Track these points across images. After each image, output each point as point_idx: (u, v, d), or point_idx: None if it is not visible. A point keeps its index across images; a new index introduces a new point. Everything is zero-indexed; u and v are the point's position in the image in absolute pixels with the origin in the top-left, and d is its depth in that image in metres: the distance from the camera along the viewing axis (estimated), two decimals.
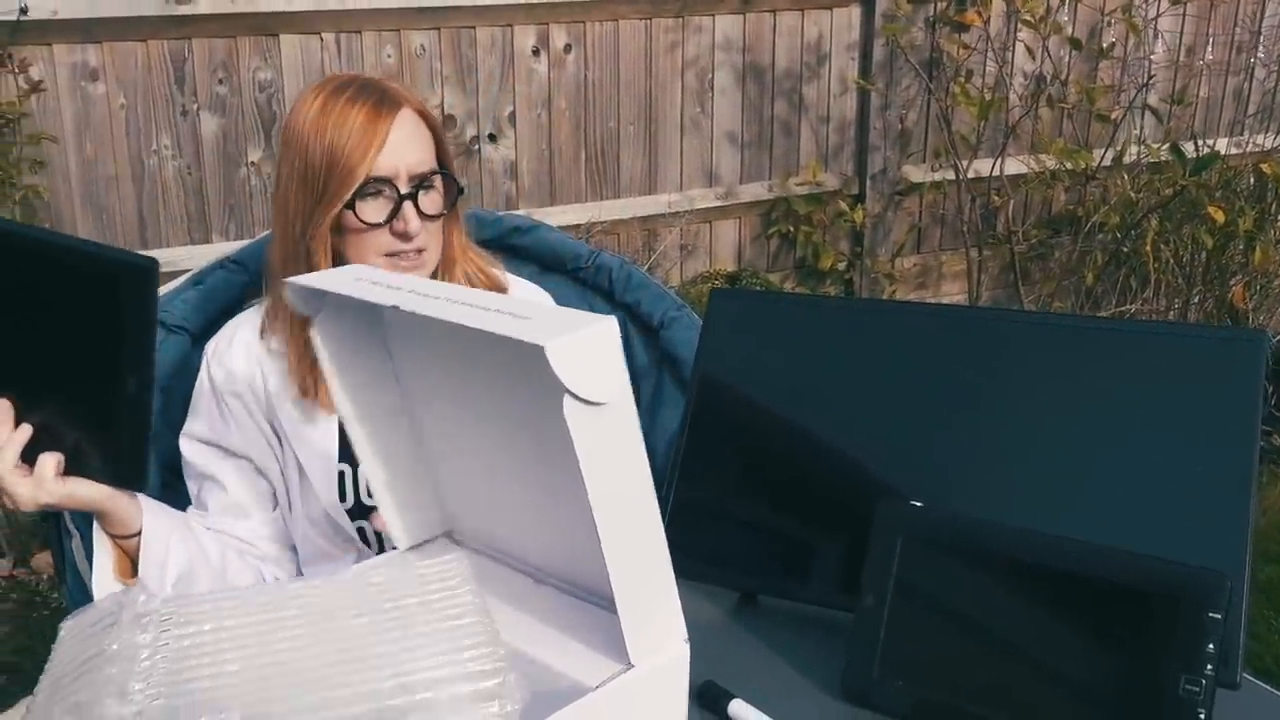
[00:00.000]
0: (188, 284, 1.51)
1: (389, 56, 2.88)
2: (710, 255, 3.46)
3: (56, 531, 1.33)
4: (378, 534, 1.28)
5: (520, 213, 2.10)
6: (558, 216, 2.98)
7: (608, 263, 1.66)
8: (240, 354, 1.27)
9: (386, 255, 1.19)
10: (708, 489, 1.03)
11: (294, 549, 1.31)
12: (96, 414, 1.01)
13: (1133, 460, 0.89)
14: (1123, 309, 3.55)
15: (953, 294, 3.82)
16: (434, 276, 1.28)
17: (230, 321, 1.32)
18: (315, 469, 1.25)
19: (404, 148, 1.17)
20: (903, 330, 1.01)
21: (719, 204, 3.39)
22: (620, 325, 1.63)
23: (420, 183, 1.19)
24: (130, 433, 1.00)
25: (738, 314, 1.10)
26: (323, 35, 2.80)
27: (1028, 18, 3.11)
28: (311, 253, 1.18)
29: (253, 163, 2.81)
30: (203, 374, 1.29)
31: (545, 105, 3.10)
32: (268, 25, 2.73)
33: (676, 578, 0.75)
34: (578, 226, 3.08)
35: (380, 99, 1.17)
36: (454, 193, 1.23)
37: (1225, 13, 3.90)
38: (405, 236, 1.18)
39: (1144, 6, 3.46)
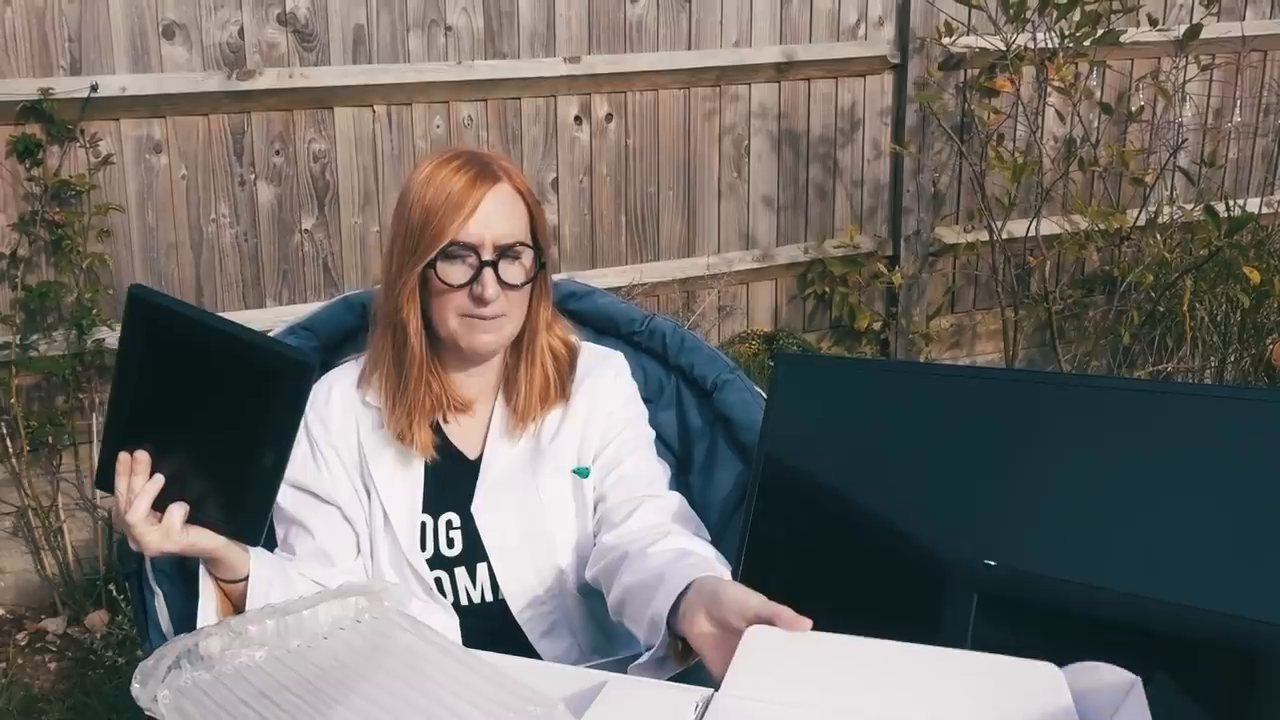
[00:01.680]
0: None
1: (438, 127, 2.98)
2: (748, 316, 3.51)
3: (138, 590, 1.37)
4: (454, 584, 1.32)
5: (565, 276, 2.16)
6: (599, 279, 3.05)
7: (661, 327, 1.71)
8: (337, 406, 1.34)
9: (463, 316, 1.26)
10: (776, 553, 1.06)
11: None
12: (230, 474, 1.09)
13: (1190, 519, 0.91)
14: (1159, 368, 3.56)
15: (987, 353, 3.85)
16: (517, 344, 1.34)
17: (327, 375, 1.38)
18: (400, 517, 1.31)
19: (493, 218, 1.24)
20: (967, 394, 1.04)
21: (756, 266, 3.45)
22: (674, 388, 1.67)
23: (504, 252, 1.25)
24: (257, 497, 1.09)
25: (802, 379, 1.14)
26: (375, 107, 2.90)
27: (1058, 84, 3.18)
28: (400, 307, 1.27)
29: (306, 230, 2.91)
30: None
31: (587, 172, 3.19)
32: (323, 99, 2.84)
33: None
34: (619, 289, 3.14)
35: (481, 171, 1.25)
36: (536, 266, 1.29)
37: (1252, 76, 3.96)
38: (481, 301, 1.24)
39: (1173, 72, 3.53)
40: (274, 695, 0.83)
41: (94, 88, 2.58)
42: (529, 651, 1.32)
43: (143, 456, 1.09)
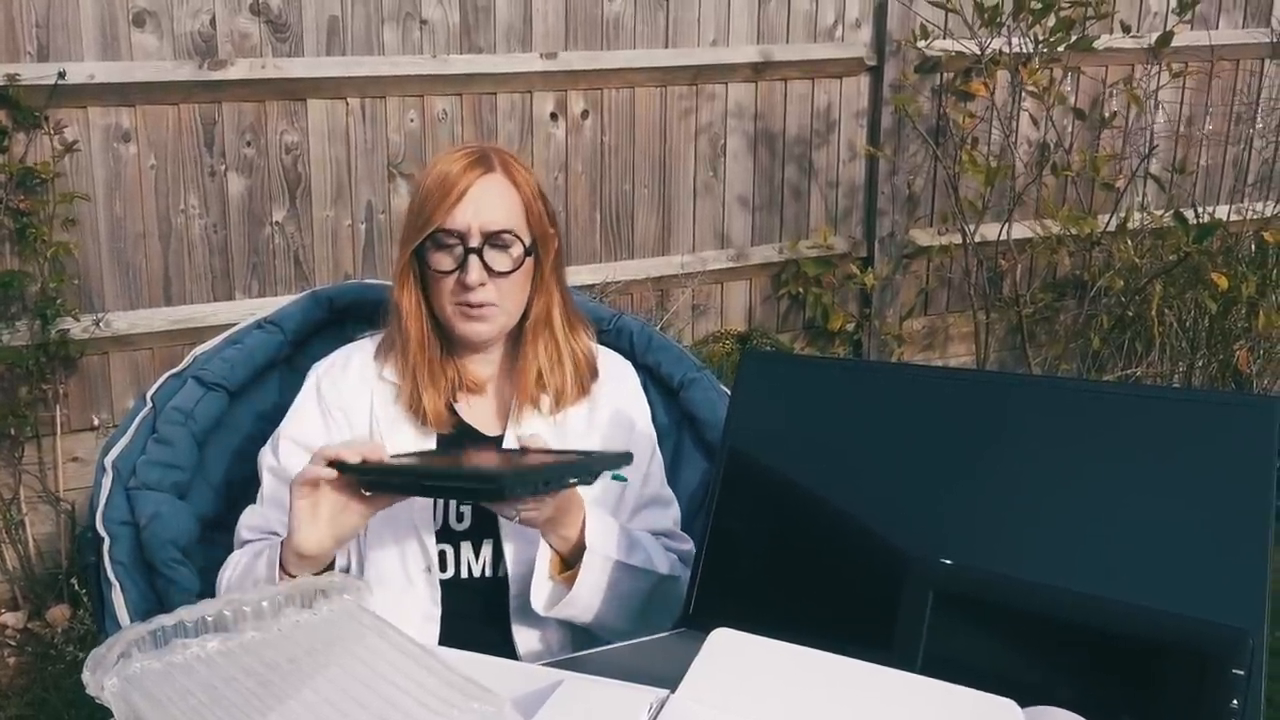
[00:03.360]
0: (224, 344, 1.56)
1: (412, 121, 2.97)
2: (721, 315, 3.51)
3: (97, 582, 1.36)
4: (457, 558, 1.31)
5: None
6: (573, 277, 3.02)
7: (629, 325, 1.71)
8: (355, 375, 1.35)
9: (455, 304, 1.29)
10: (739, 547, 1.06)
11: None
12: None
13: (1152, 521, 0.92)
14: (1128, 372, 3.59)
15: (960, 355, 3.87)
16: (518, 335, 1.36)
17: (343, 348, 1.40)
18: None
19: (483, 205, 1.27)
20: (932, 394, 1.05)
21: (730, 265, 3.45)
22: (642, 387, 1.67)
23: (490, 240, 1.27)
24: None
25: (768, 375, 1.14)
26: (348, 100, 2.88)
27: (1032, 88, 3.20)
28: (399, 287, 1.31)
29: (277, 222, 2.88)
30: (309, 387, 1.36)
31: (563, 168, 3.18)
32: (296, 90, 2.82)
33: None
34: (592, 286, 3.14)
35: (478, 159, 1.28)
36: (523, 256, 1.30)
37: (1224, 85, 4.01)
38: (466, 287, 1.27)
39: (1145, 79, 3.56)
40: (223, 687, 0.82)
41: (62, 74, 2.54)
42: (506, 632, 1.31)
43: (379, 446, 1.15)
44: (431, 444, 1.34)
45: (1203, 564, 0.89)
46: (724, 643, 0.85)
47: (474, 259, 1.26)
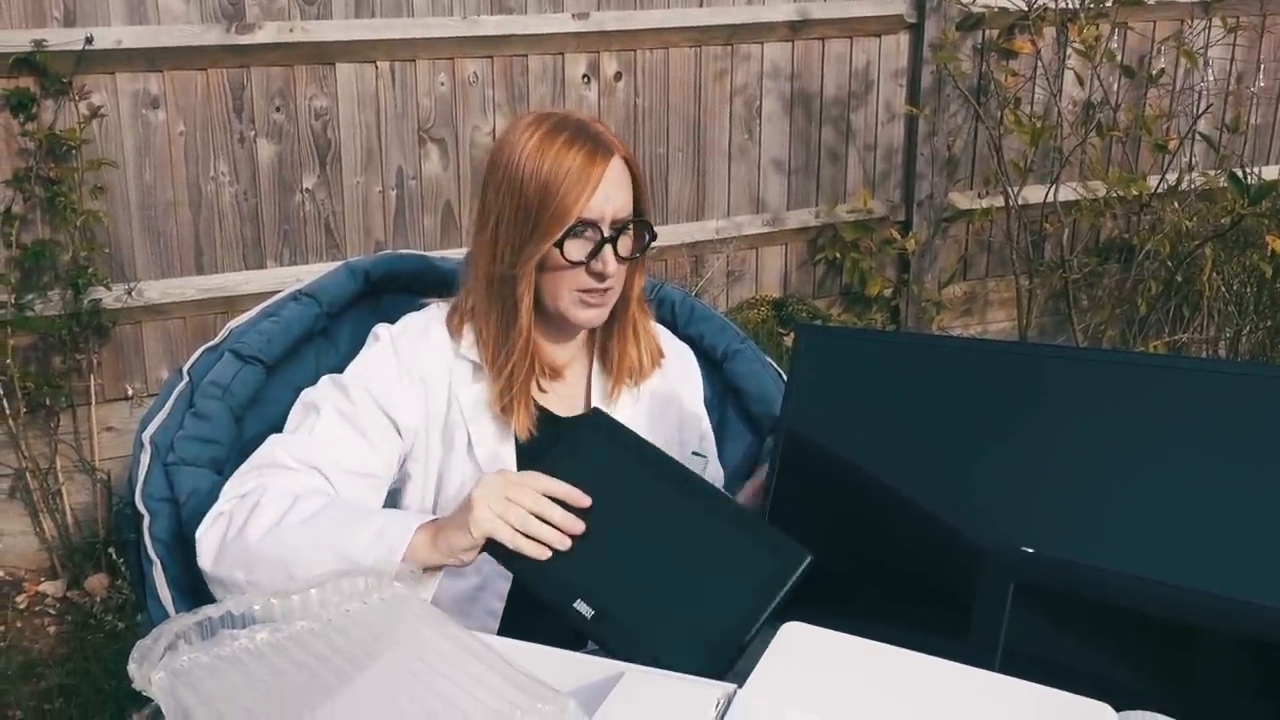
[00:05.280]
0: (260, 316, 1.52)
1: (442, 84, 2.91)
2: (756, 282, 3.45)
3: (137, 558, 1.33)
4: None
5: None
6: None
7: (671, 295, 1.66)
8: (435, 346, 1.30)
9: (579, 291, 1.26)
10: (800, 534, 1.02)
11: None
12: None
13: (1246, 508, 0.87)
14: (1175, 338, 3.50)
15: (999, 321, 3.79)
16: (611, 315, 1.34)
17: (416, 315, 1.34)
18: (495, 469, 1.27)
19: (611, 193, 1.24)
20: (1003, 371, 0.99)
21: (766, 230, 3.39)
22: None
23: (621, 227, 1.26)
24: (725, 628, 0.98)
25: (827, 352, 1.09)
26: (378, 64, 2.83)
27: (1079, 45, 3.09)
28: (517, 281, 1.25)
29: (307, 189, 2.84)
30: (385, 345, 1.30)
31: None
32: (324, 54, 2.76)
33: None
34: None
35: (596, 144, 1.24)
36: (644, 239, 1.29)
37: (1275, 40, 3.87)
38: (601, 277, 1.25)
39: (1192, 36, 3.43)
40: (272, 680, 0.79)
41: (89, 39, 2.50)
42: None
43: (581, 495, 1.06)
44: (511, 436, 1.29)
45: None
46: (795, 637, 0.81)
47: (609, 249, 1.24)
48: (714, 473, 1.43)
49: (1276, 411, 0.89)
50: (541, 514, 1.04)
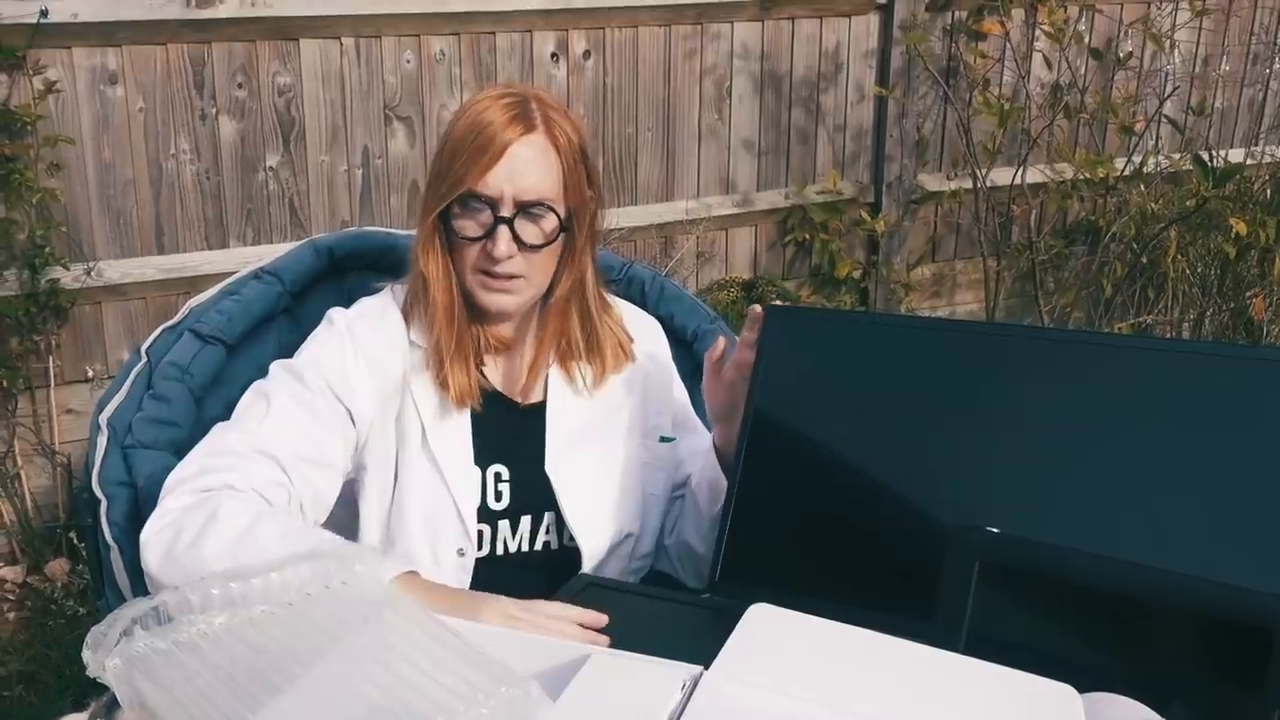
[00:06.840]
0: (221, 295, 1.49)
1: (408, 62, 2.87)
2: (726, 263, 3.44)
3: (95, 543, 1.31)
4: (494, 536, 1.27)
5: None
6: None
7: (640, 275, 1.65)
8: (390, 332, 1.25)
9: (481, 273, 1.21)
10: (767, 512, 1.02)
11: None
12: None
13: (1212, 488, 0.87)
14: (1140, 320, 3.54)
15: (967, 303, 3.81)
16: (540, 312, 1.29)
17: (372, 299, 1.30)
18: (457, 471, 1.24)
19: (519, 170, 1.17)
20: (971, 351, 0.99)
21: (736, 211, 3.38)
22: None
23: (524, 210, 1.18)
24: None
25: (795, 332, 1.09)
26: (342, 40, 2.78)
27: (1047, 28, 3.10)
28: (419, 254, 1.21)
29: (271, 167, 2.79)
30: (340, 328, 1.25)
31: None
32: (287, 30, 2.71)
33: (734, 599, 0.73)
34: None
35: (519, 114, 1.17)
36: (558, 230, 1.21)
37: (1241, 25, 3.90)
38: (492, 258, 1.18)
39: (1159, 19, 3.45)
40: (230, 667, 0.77)
41: (44, 13, 2.44)
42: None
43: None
44: (464, 420, 1.25)
45: (1269, 533, 0.84)
46: (761, 618, 0.81)
47: (503, 229, 1.17)
48: (669, 457, 1.37)
49: (1239, 392, 0.89)
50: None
